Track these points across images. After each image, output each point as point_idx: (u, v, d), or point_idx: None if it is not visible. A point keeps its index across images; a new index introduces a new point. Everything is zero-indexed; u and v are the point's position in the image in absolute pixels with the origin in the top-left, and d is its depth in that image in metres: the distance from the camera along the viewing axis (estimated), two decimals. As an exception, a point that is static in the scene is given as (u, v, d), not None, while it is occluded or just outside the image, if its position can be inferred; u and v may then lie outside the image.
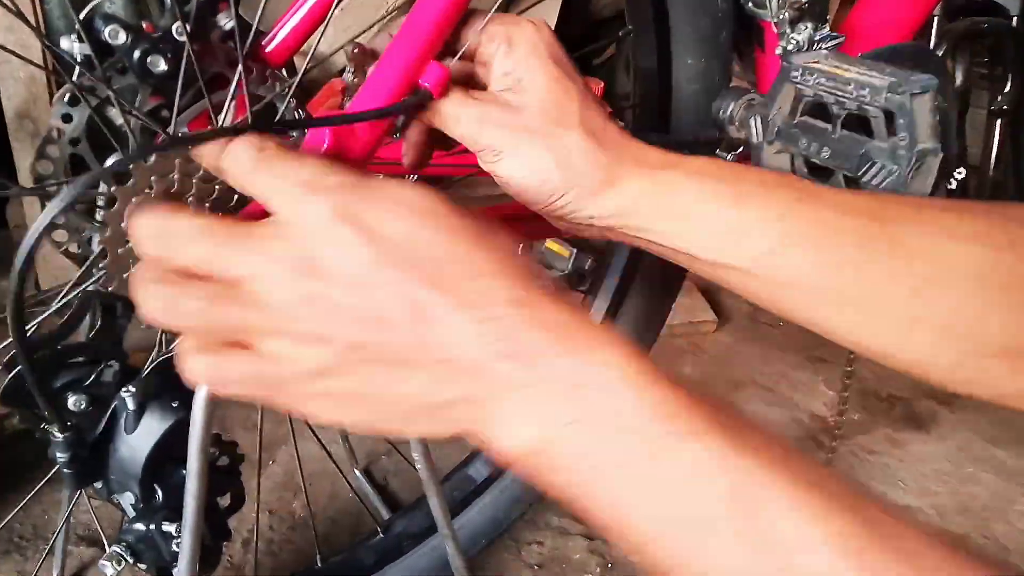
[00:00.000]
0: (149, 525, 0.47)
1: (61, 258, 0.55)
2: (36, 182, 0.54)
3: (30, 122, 1.19)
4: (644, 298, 0.95)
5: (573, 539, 1.13)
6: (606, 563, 1.11)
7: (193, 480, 0.39)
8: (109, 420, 0.47)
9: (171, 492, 0.46)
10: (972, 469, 1.31)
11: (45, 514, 1.08)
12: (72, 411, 0.46)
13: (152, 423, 0.46)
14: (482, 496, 0.99)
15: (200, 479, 0.39)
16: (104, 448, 0.47)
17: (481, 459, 1.00)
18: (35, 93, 1.17)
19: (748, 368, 1.55)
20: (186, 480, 0.39)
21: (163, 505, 0.47)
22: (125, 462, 0.46)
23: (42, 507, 1.08)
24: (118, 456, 0.47)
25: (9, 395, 0.45)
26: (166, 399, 0.46)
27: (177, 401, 0.46)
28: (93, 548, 1.05)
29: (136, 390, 0.46)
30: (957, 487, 1.27)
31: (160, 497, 0.47)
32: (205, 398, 0.37)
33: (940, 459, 1.33)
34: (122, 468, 0.47)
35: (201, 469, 0.39)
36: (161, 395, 0.46)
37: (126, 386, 0.46)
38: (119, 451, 0.47)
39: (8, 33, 1.08)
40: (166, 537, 0.46)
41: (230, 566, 1.04)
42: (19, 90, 1.17)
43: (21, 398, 0.46)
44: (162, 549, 0.47)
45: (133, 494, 0.47)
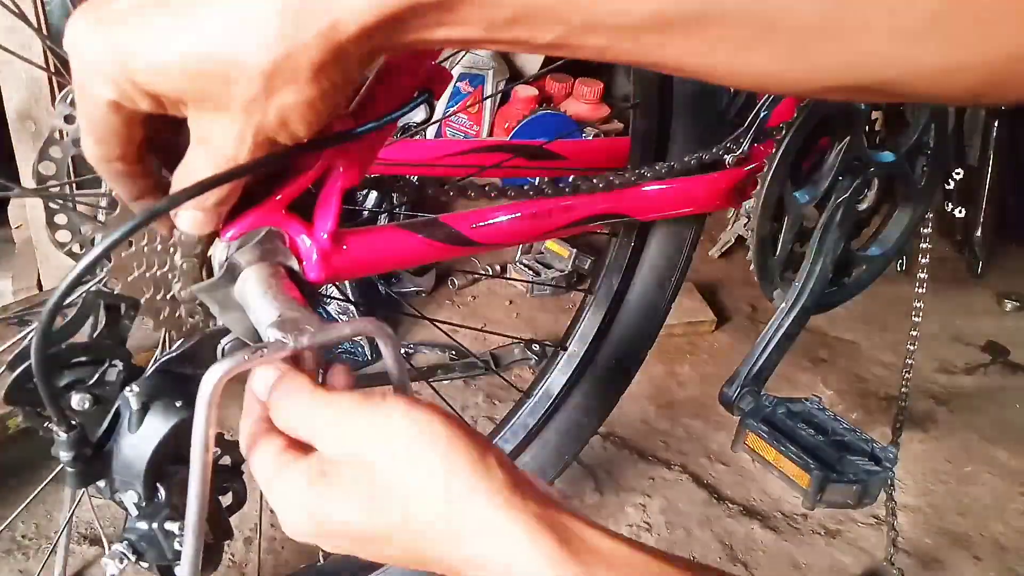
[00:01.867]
0: (152, 524, 0.47)
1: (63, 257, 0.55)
2: (39, 183, 0.54)
3: (32, 123, 1.19)
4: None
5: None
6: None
7: (196, 479, 0.39)
8: (113, 419, 0.47)
9: (174, 491, 0.47)
10: (970, 469, 1.31)
11: (48, 514, 1.08)
12: (76, 410, 0.47)
13: (155, 422, 0.46)
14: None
15: (203, 478, 0.39)
16: (107, 447, 0.47)
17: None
18: (37, 94, 1.18)
19: (748, 368, 1.55)
20: (189, 479, 0.39)
21: (166, 504, 0.47)
22: (128, 461, 0.47)
23: (44, 507, 1.09)
24: (122, 455, 0.47)
25: (13, 394, 0.46)
26: (169, 399, 0.47)
27: (180, 401, 0.46)
28: (95, 547, 1.05)
29: (139, 390, 0.46)
30: (955, 486, 1.28)
31: (163, 496, 0.47)
32: (208, 397, 0.37)
33: (938, 458, 1.33)
34: (125, 467, 0.47)
35: (204, 468, 0.39)
36: (164, 395, 0.47)
37: (130, 385, 0.46)
38: (123, 450, 0.47)
39: (10, 34, 1.08)
40: (169, 536, 0.47)
41: (232, 564, 1.05)
42: (21, 91, 1.17)
43: (25, 397, 0.46)
44: (164, 548, 0.47)
45: (136, 493, 0.47)
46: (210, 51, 0.33)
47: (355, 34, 0.32)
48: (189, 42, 0.33)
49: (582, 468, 1.25)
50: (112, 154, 0.39)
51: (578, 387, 1.00)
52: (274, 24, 0.32)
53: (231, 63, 0.33)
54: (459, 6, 0.32)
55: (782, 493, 1.23)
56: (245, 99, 0.34)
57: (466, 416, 1.30)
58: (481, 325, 1.60)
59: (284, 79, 0.34)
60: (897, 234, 0.96)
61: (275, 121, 0.35)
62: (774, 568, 1.11)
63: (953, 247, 1.88)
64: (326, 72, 0.34)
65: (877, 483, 0.78)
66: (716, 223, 1.95)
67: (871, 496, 0.78)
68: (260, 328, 0.44)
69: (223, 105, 0.35)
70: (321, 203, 0.51)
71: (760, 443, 0.81)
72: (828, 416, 0.85)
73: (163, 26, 0.34)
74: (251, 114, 0.35)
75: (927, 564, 1.13)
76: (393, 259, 0.62)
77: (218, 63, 0.33)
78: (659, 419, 1.39)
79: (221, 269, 0.47)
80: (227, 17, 0.33)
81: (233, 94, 0.34)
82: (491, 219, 0.67)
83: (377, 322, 0.42)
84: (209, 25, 0.33)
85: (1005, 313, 1.79)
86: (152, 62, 0.34)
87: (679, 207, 0.81)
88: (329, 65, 0.33)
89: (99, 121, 0.37)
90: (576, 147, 0.91)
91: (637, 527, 1.16)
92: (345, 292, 1.42)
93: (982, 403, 1.48)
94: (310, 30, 0.32)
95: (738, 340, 1.63)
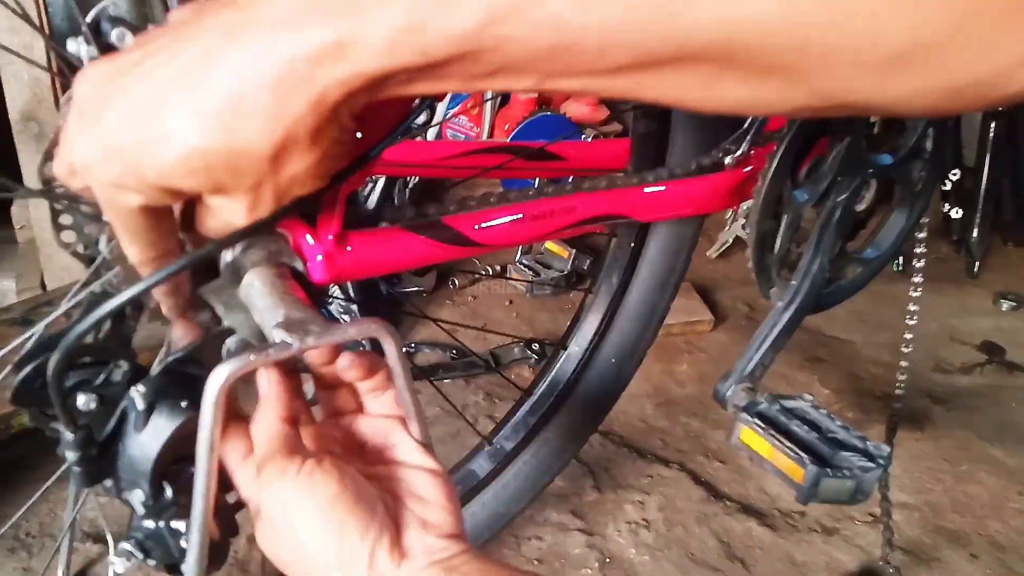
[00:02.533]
0: (158, 522, 0.47)
1: (66, 257, 0.56)
2: (44, 184, 0.55)
3: (35, 124, 1.20)
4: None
5: (572, 535, 1.14)
6: (604, 558, 1.12)
7: (201, 478, 0.40)
8: (118, 419, 0.48)
9: (180, 490, 0.47)
10: (968, 467, 1.32)
11: (51, 512, 1.09)
12: (82, 411, 0.47)
13: (161, 422, 0.46)
14: (483, 492, 1.01)
15: (209, 477, 0.40)
16: (113, 447, 0.48)
17: (483, 455, 1.01)
18: (39, 95, 1.18)
19: (746, 367, 1.56)
20: (195, 478, 0.40)
21: (173, 502, 0.47)
22: (135, 461, 0.47)
23: (48, 505, 1.09)
24: (128, 455, 0.47)
25: (20, 395, 0.46)
26: (175, 399, 0.47)
27: (186, 401, 0.47)
28: (98, 545, 1.06)
29: (145, 389, 0.46)
30: (953, 485, 1.28)
31: (169, 495, 0.47)
32: (214, 398, 0.38)
33: (935, 457, 1.34)
34: (132, 466, 0.47)
35: (210, 467, 0.40)
36: (170, 395, 0.47)
37: (135, 385, 0.46)
38: (129, 450, 0.47)
39: (11, 35, 1.08)
40: (175, 534, 0.47)
41: (235, 562, 1.05)
42: (23, 92, 1.18)
43: (32, 398, 0.46)
44: (171, 546, 0.48)
45: (143, 492, 0.47)
46: (211, 147, 0.34)
47: (343, 97, 0.33)
48: (190, 141, 0.34)
49: (581, 466, 1.26)
50: (161, 251, 0.40)
51: (578, 386, 1.01)
52: (266, 106, 0.33)
53: (234, 154, 0.34)
54: (441, 68, 0.33)
55: (780, 491, 1.24)
56: (254, 182, 0.35)
57: (467, 414, 1.31)
58: (481, 325, 1.60)
59: (288, 153, 0.35)
60: (893, 237, 0.97)
61: (287, 187, 0.37)
62: (771, 565, 1.12)
63: (950, 247, 1.89)
64: (323, 134, 0.35)
65: (871, 479, 0.78)
66: (714, 224, 1.95)
67: (865, 492, 0.78)
68: (265, 329, 0.44)
69: (235, 190, 0.36)
70: (325, 205, 0.52)
71: (755, 438, 0.81)
72: (822, 414, 0.86)
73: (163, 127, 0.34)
74: (262, 192, 0.36)
75: (924, 562, 1.14)
76: (397, 260, 0.62)
77: (222, 157, 0.34)
78: (657, 417, 1.40)
79: (226, 270, 0.48)
80: (221, 106, 0.33)
81: (243, 179, 0.35)
82: (493, 220, 0.67)
83: (382, 322, 0.42)
84: (206, 119, 0.33)
85: (1001, 313, 1.80)
86: (161, 166, 0.34)
87: (679, 208, 0.82)
88: (324, 127, 0.34)
89: (139, 228, 0.38)
90: (577, 148, 0.92)
91: (635, 524, 1.17)
92: (347, 292, 1.42)
93: (979, 402, 1.48)
94: (301, 102, 0.33)
95: (735, 339, 1.64)
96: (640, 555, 1.12)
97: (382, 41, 0.31)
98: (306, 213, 0.51)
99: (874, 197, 0.93)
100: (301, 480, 0.39)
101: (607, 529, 1.16)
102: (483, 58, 0.32)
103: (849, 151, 0.85)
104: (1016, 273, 1.92)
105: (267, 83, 0.32)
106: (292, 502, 0.38)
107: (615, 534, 1.15)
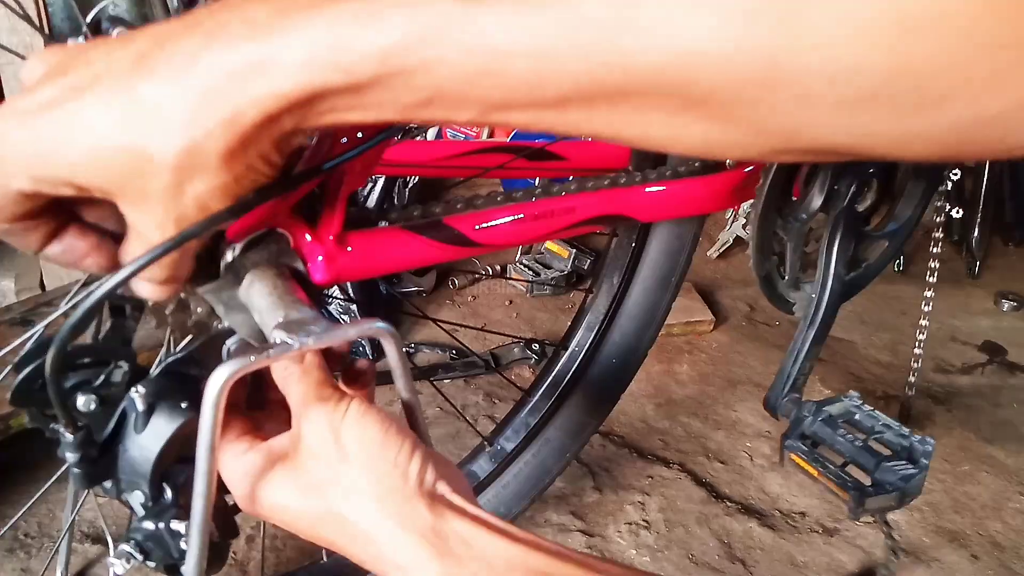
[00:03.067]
0: (158, 524, 0.47)
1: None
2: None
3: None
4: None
5: (572, 535, 1.14)
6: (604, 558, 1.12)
7: (201, 479, 0.40)
8: (118, 420, 0.48)
9: (180, 491, 0.47)
10: (968, 467, 1.32)
11: (50, 512, 1.09)
12: (82, 411, 0.47)
13: (161, 423, 0.46)
14: (484, 492, 1.00)
15: (208, 478, 0.40)
16: (113, 448, 0.48)
17: (484, 456, 1.01)
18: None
19: (745, 366, 1.56)
20: (194, 479, 0.40)
21: (173, 504, 0.47)
22: (135, 462, 0.47)
23: (47, 505, 1.09)
24: (128, 456, 0.47)
25: (20, 396, 0.46)
26: (175, 400, 0.47)
27: (186, 401, 0.46)
28: (98, 546, 1.06)
29: (145, 390, 0.46)
30: (953, 485, 1.28)
31: (169, 496, 0.47)
32: (214, 399, 0.38)
33: (936, 457, 1.34)
34: (132, 467, 0.47)
35: (210, 468, 0.39)
36: (170, 396, 0.47)
37: (135, 386, 0.46)
38: (128, 451, 0.47)
39: (11, 35, 1.08)
40: (175, 535, 0.47)
41: (235, 563, 1.05)
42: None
43: (31, 399, 0.46)
44: (171, 547, 0.48)
45: (142, 493, 0.47)
46: (119, 144, 0.33)
47: (259, 121, 0.32)
48: (98, 135, 0.33)
49: (581, 466, 1.26)
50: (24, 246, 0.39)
51: (578, 386, 1.00)
52: (177, 114, 0.32)
53: (139, 156, 0.33)
54: (367, 90, 0.31)
55: (780, 491, 1.24)
56: (159, 190, 0.34)
57: (467, 414, 1.31)
58: (481, 325, 1.60)
59: (193, 168, 0.33)
60: (911, 207, 0.98)
61: (193, 207, 0.35)
62: (772, 566, 1.12)
63: (950, 247, 1.89)
64: (236, 158, 0.33)
65: (916, 484, 0.81)
66: (715, 224, 1.95)
67: (912, 496, 0.81)
68: (266, 329, 0.44)
69: (141, 197, 0.34)
70: (326, 205, 0.52)
71: (802, 461, 0.85)
72: (866, 412, 0.89)
73: (77, 118, 0.33)
74: (168, 203, 0.34)
75: (924, 562, 1.14)
76: (397, 261, 0.62)
77: (127, 156, 0.33)
78: (658, 418, 1.40)
79: (227, 271, 0.48)
80: (134, 107, 0.32)
81: (147, 186, 0.34)
82: (494, 220, 0.67)
83: (383, 323, 0.42)
84: (117, 116, 0.33)
85: (1002, 313, 1.80)
86: (66, 157, 0.33)
87: (680, 208, 0.82)
88: (238, 151, 0.33)
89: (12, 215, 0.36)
90: (577, 148, 0.91)
91: (636, 525, 1.17)
92: (347, 292, 1.42)
93: (979, 402, 1.48)
94: (213, 118, 0.32)
95: (736, 339, 1.64)
96: (640, 556, 1.12)
97: (301, 58, 0.31)
98: (307, 213, 0.51)
99: (876, 194, 0.93)
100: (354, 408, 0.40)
101: (608, 530, 1.16)
102: (412, 82, 0.31)
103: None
104: (1017, 273, 1.92)
105: (184, 92, 0.32)
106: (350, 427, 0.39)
107: (615, 535, 1.15)
